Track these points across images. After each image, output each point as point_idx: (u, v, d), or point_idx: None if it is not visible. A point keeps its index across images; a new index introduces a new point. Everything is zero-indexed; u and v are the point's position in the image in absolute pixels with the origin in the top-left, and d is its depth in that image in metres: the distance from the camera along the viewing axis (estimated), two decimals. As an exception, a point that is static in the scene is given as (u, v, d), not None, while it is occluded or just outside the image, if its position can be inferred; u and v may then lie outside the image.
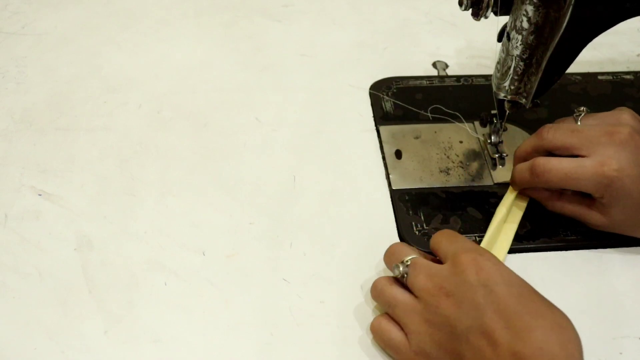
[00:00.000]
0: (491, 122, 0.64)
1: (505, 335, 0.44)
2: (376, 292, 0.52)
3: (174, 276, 0.55)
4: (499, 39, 0.58)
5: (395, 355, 0.50)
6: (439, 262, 0.51)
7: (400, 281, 0.51)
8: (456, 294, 0.46)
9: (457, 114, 0.68)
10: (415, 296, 0.49)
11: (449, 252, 0.49)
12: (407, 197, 0.62)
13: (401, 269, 0.50)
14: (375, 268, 0.57)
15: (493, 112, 0.63)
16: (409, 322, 0.49)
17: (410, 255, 0.51)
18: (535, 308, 0.45)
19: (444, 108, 0.69)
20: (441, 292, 0.47)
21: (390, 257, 0.53)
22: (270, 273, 0.56)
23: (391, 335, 0.50)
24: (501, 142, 0.64)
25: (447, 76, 0.74)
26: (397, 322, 0.50)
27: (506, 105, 0.60)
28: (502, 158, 0.64)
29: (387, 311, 0.51)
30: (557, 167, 0.55)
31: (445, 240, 0.51)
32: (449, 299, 0.47)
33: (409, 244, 0.57)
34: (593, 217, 0.57)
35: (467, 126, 0.68)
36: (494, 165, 0.64)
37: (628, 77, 0.75)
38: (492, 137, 0.64)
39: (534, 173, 0.56)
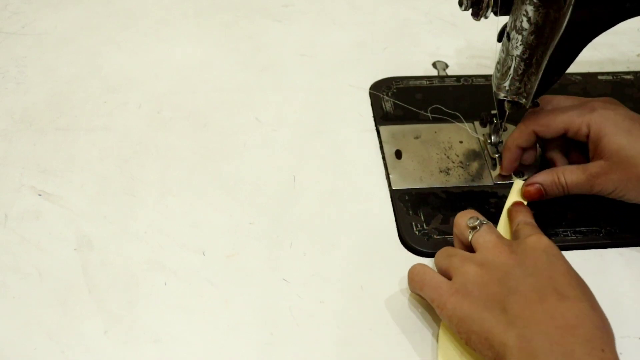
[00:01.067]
0: (491, 122, 0.64)
1: (555, 296, 0.45)
2: (440, 251, 0.54)
3: (174, 276, 0.55)
4: (499, 39, 0.58)
5: (434, 292, 0.50)
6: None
7: (463, 242, 0.53)
8: (519, 254, 0.49)
9: (457, 114, 0.68)
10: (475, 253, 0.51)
11: (526, 234, 0.51)
12: (407, 197, 0.62)
13: (477, 222, 0.52)
14: (375, 268, 0.57)
15: (493, 112, 0.63)
16: (461, 265, 0.50)
17: (485, 220, 0.53)
18: (585, 287, 0.48)
19: (444, 108, 0.69)
20: (507, 249, 0.49)
21: (466, 214, 0.54)
22: (270, 273, 0.56)
23: (434, 275, 0.51)
24: (501, 142, 0.64)
25: (447, 76, 0.74)
26: (449, 276, 0.51)
27: (506, 105, 0.60)
28: (502, 158, 0.64)
29: (442, 262, 0.52)
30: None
31: (525, 226, 0.54)
32: (512, 255, 0.49)
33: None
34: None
35: (467, 126, 0.68)
36: (494, 165, 0.64)
37: (628, 77, 0.75)
38: (492, 137, 0.64)
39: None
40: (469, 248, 0.53)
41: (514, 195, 0.60)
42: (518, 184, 0.61)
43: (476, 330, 0.47)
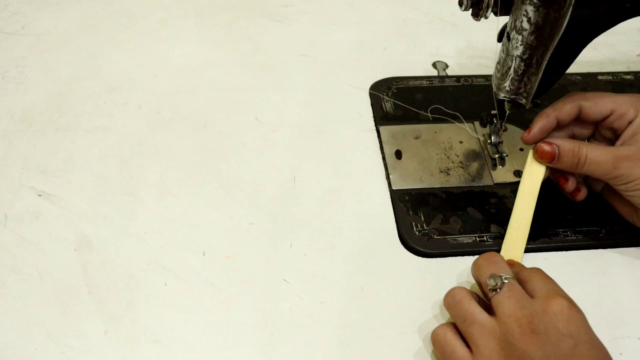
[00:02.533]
0: (491, 122, 0.64)
1: None
2: (453, 301, 0.50)
3: (173, 276, 0.55)
4: (499, 39, 0.58)
5: None
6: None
7: (480, 296, 0.50)
8: (542, 335, 0.45)
9: (457, 114, 0.68)
10: (495, 318, 0.48)
11: (542, 289, 0.48)
12: (407, 197, 0.62)
13: (498, 282, 0.48)
14: (375, 268, 0.57)
15: (493, 112, 0.63)
16: (482, 343, 0.47)
17: (509, 274, 0.49)
18: None
19: (444, 108, 0.69)
20: (528, 326, 0.46)
21: (486, 264, 0.51)
22: (270, 273, 0.56)
23: (456, 349, 0.48)
24: (501, 142, 0.64)
25: (447, 76, 0.74)
26: (463, 338, 0.49)
27: (506, 105, 0.60)
28: (502, 158, 0.64)
29: (459, 325, 0.49)
30: None
31: (536, 275, 0.50)
32: (534, 337, 0.45)
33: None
34: None
35: (467, 126, 0.68)
36: (494, 166, 0.64)
37: (628, 77, 0.75)
38: (492, 137, 0.64)
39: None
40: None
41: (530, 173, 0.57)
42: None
43: None
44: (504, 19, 0.57)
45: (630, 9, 0.53)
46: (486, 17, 0.55)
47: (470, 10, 0.55)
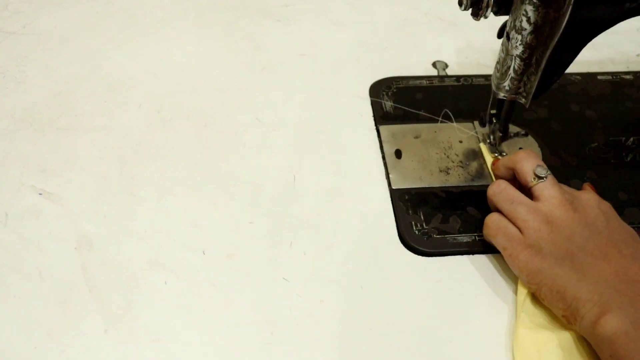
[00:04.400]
0: (491, 122, 0.64)
1: (617, 255, 0.51)
2: (499, 189, 0.57)
3: (174, 276, 0.55)
4: (499, 36, 0.58)
5: (506, 242, 0.54)
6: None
7: (521, 182, 0.56)
8: (581, 212, 0.53)
9: (457, 114, 0.68)
10: (537, 202, 0.54)
11: (572, 189, 0.56)
12: (406, 197, 0.62)
13: (545, 173, 0.55)
14: (375, 268, 0.57)
15: (493, 112, 0.63)
16: (530, 219, 0.53)
17: (549, 171, 0.56)
18: (637, 241, 0.53)
19: (444, 108, 0.69)
20: (570, 205, 0.53)
21: (533, 157, 0.56)
22: (270, 272, 0.56)
23: (507, 225, 0.55)
24: (501, 142, 0.64)
25: (447, 76, 0.74)
26: (513, 221, 0.55)
27: (506, 105, 0.61)
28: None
29: (506, 207, 0.55)
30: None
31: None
32: (575, 214, 0.53)
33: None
34: None
35: (466, 126, 0.68)
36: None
37: (628, 77, 0.75)
38: (492, 137, 0.64)
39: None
40: (523, 189, 0.56)
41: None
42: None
43: (548, 284, 0.52)
44: (504, 19, 0.57)
45: (630, 9, 0.53)
46: (486, 17, 0.56)
47: (470, 10, 0.55)
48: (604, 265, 0.51)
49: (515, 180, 0.58)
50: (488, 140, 0.65)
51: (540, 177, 0.55)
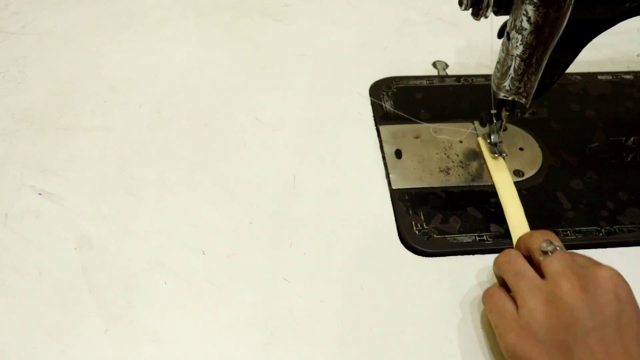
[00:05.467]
0: (491, 122, 0.64)
1: (623, 355, 0.44)
2: (507, 258, 0.51)
3: (173, 276, 0.55)
4: (499, 36, 0.58)
5: (499, 320, 0.49)
6: None
7: (532, 258, 0.51)
8: (591, 294, 0.46)
9: (457, 114, 0.68)
10: (544, 279, 0.48)
11: (590, 261, 0.49)
12: (407, 197, 0.62)
13: (551, 247, 0.49)
14: (375, 268, 0.57)
15: (493, 112, 0.63)
16: (529, 296, 0.47)
17: (560, 244, 0.50)
18: None
19: (444, 108, 0.69)
20: (579, 283, 0.46)
21: (539, 234, 0.52)
22: (270, 273, 0.56)
23: (504, 303, 0.49)
24: (501, 142, 0.64)
25: (447, 76, 0.74)
26: (513, 296, 0.49)
27: (506, 105, 0.61)
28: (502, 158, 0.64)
29: (510, 280, 0.50)
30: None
31: (581, 254, 0.51)
32: (582, 294, 0.46)
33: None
34: None
35: (466, 126, 0.68)
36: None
37: (628, 77, 0.75)
38: (492, 137, 0.64)
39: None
40: (535, 266, 0.50)
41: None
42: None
43: None
44: (504, 19, 0.57)
45: (630, 9, 0.53)
46: (486, 17, 0.56)
47: (470, 10, 0.55)
48: (603, 358, 0.43)
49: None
50: (488, 140, 0.65)
51: (545, 252, 0.49)
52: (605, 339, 0.44)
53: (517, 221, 0.59)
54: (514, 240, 0.57)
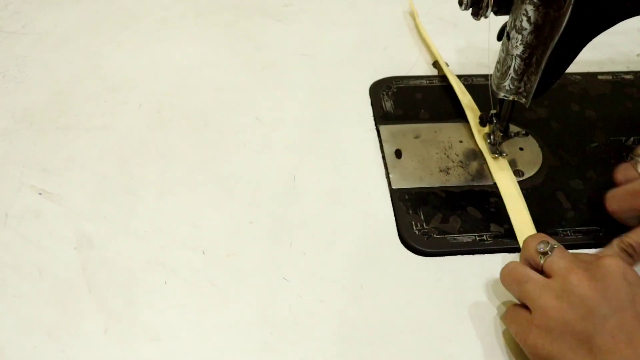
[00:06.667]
0: (491, 122, 0.64)
1: None
2: (507, 270, 0.51)
3: (173, 275, 0.55)
4: (499, 38, 0.58)
5: (516, 327, 0.49)
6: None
7: (533, 265, 0.50)
8: (600, 281, 0.45)
9: (457, 114, 0.68)
10: (549, 279, 0.48)
11: (591, 257, 0.49)
12: (407, 197, 0.62)
13: (548, 247, 0.49)
14: (375, 267, 0.57)
15: (493, 112, 0.63)
16: (538, 297, 0.47)
17: (557, 243, 0.50)
18: None
19: (444, 108, 0.69)
20: (586, 274, 0.46)
21: (532, 238, 0.52)
22: (270, 272, 0.56)
23: (518, 311, 0.49)
24: (501, 142, 0.64)
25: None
26: (525, 304, 0.49)
27: (506, 104, 0.61)
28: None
29: (515, 289, 0.50)
30: None
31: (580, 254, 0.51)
32: (593, 282, 0.45)
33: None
34: None
35: (466, 126, 0.68)
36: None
37: (628, 77, 0.75)
38: (492, 137, 0.64)
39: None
40: (540, 272, 0.50)
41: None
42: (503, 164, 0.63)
43: None
44: (504, 19, 0.57)
45: (630, 9, 0.53)
46: (486, 17, 0.56)
47: (470, 9, 0.55)
48: (628, 351, 0.43)
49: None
50: (488, 140, 0.65)
51: (544, 254, 0.49)
52: (624, 323, 0.43)
53: (521, 220, 0.59)
54: (519, 240, 0.57)
